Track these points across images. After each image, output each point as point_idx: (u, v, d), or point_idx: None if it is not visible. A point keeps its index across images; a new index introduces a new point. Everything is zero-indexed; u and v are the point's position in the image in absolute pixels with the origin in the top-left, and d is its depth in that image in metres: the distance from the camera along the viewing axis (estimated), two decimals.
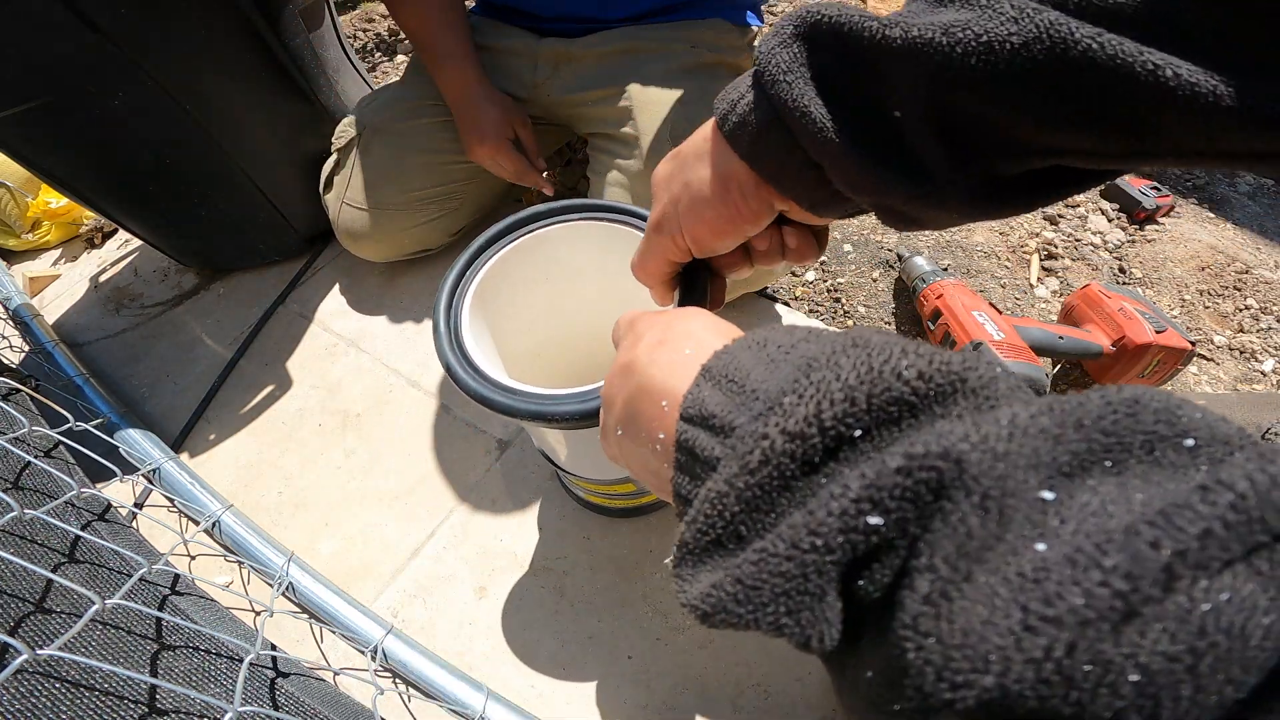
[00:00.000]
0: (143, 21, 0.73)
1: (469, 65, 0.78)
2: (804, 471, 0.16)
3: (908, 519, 0.14)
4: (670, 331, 0.25)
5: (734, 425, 0.18)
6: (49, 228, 1.26)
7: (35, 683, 0.36)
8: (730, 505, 0.17)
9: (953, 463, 0.13)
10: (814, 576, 0.15)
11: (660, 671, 0.59)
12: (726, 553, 0.17)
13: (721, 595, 0.16)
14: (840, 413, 0.15)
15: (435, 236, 0.93)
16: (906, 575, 0.14)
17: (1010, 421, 0.14)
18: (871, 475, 0.14)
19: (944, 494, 0.14)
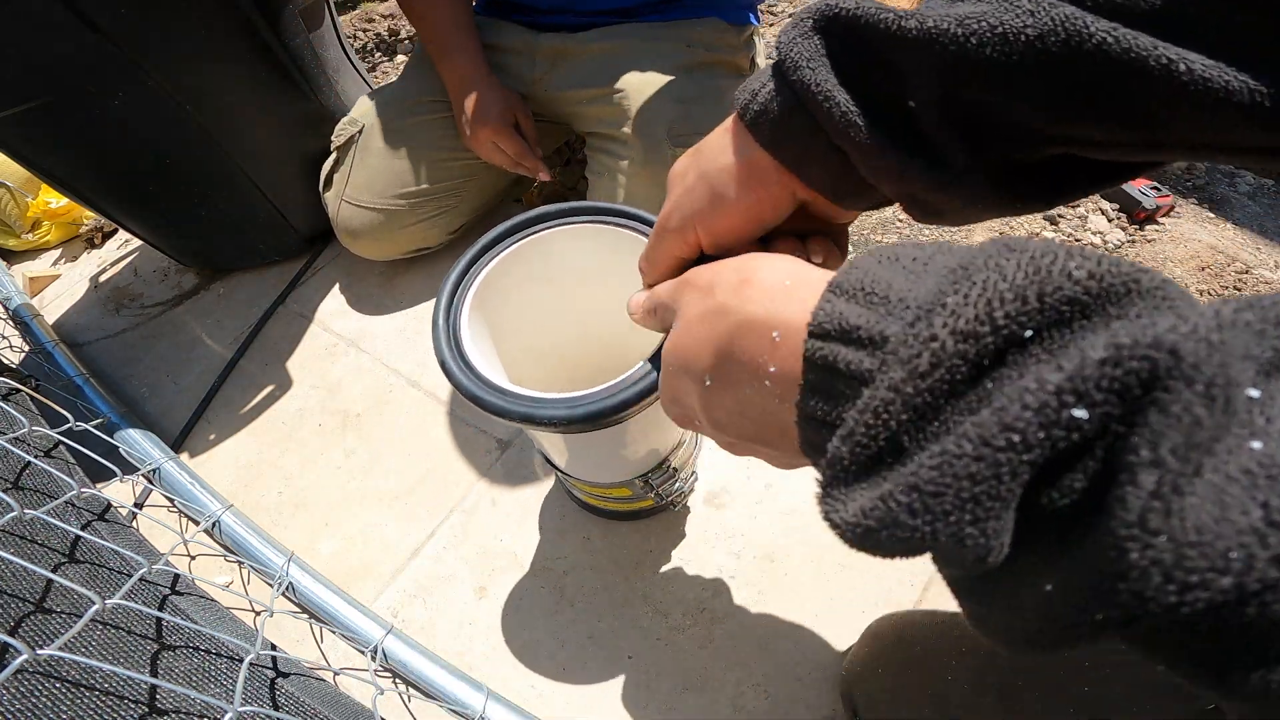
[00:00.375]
0: (143, 21, 0.73)
1: (475, 56, 0.79)
2: (974, 375, 0.15)
3: (1113, 414, 0.13)
4: (751, 272, 0.24)
5: (886, 334, 0.17)
6: (49, 228, 1.26)
7: (35, 683, 0.36)
8: (897, 413, 0.16)
9: (1167, 352, 0.12)
10: (1006, 479, 0.14)
11: (660, 671, 0.59)
12: (887, 467, 0.16)
13: (891, 507, 0.15)
14: (1013, 311, 0.14)
15: (434, 235, 0.93)
16: (1125, 472, 0.13)
17: (1216, 314, 0.13)
18: (1072, 367, 0.13)
19: (1158, 385, 0.12)
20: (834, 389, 0.18)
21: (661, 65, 0.75)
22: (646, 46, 0.77)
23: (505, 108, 0.80)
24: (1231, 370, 0.12)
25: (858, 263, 0.20)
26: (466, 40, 0.79)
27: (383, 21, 1.97)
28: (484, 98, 0.79)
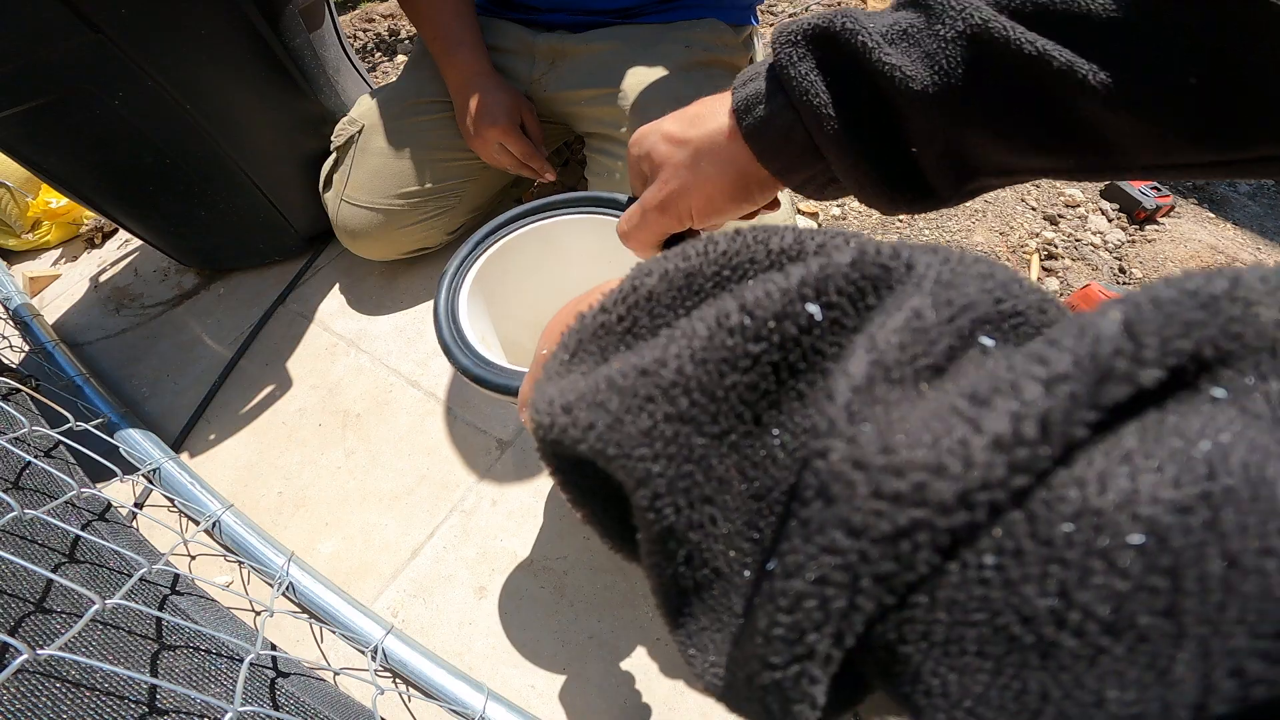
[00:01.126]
0: (143, 21, 0.73)
1: (479, 53, 0.79)
2: (717, 276, 0.15)
3: (844, 319, 0.12)
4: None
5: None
6: (49, 228, 1.26)
7: (36, 682, 0.36)
8: (649, 286, 0.16)
9: (904, 263, 0.12)
10: (728, 372, 0.13)
11: (660, 671, 0.59)
12: (620, 346, 0.16)
13: (588, 393, 0.14)
14: (783, 247, 0.15)
15: (434, 235, 0.93)
16: (830, 368, 0.12)
17: (961, 258, 0.13)
18: (816, 267, 0.13)
19: (886, 285, 0.12)
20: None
21: (660, 66, 0.75)
22: (645, 47, 0.77)
23: (511, 107, 0.79)
24: (959, 288, 0.12)
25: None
26: (469, 38, 0.79)
27: (383, 21, 1.97)
28: (489, 98, 0.78)
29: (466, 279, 0.46)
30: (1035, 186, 1.05)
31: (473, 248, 0.48)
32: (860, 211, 1.01)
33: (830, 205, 1.03)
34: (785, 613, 0.11)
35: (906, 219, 0.99)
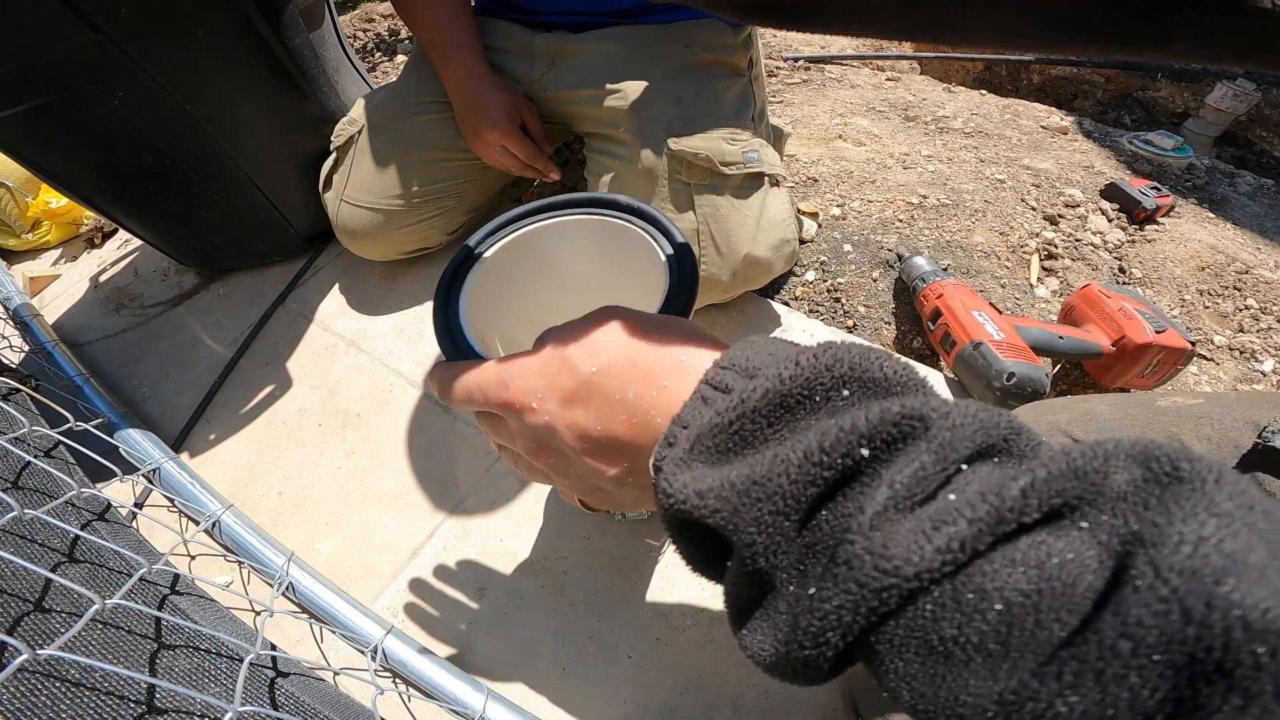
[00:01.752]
0: (143, 21, 0.73)
1: (476, 54, 0.78)
2: (802, 401, 0.22)
3: (881, 455, 0.20)
4: (671, 320, 0.30)
5: (757, 369, 0.24)
6: (49, 228, 1.27)
7: (35, 682, 0.36)
8: (746, 410, 0.22)
9: (920, 419, 0.20)
10: (808, 490, 0.20)
11: (660, 671, 0.59)
12: (724, 457, 0.22)
13: (722, 486, 0.21)
14: (841, 373, 0.22)
15: (434, 235, 0.93)
16: (869, 491, 0.19)
17: (964, 408, 0.20)
18: (875, 418, 0.19)
19: (909, 438, 0.20)
20: (712, 399, 0.24)
21: (660, 66, 0.75)
22: (645, 47, 0.77)
23: (511, 109, 0.79)
24: (956, 444, 0.19)
25: (763, 338, 0.27)
26: (466, 40, 0.78)
27: (383, 21, 1.97)
28: (488, 100, 0.78)
29: (466, 279, 0.46)
30: (1036, 186, 1.05)
31: (472, 248, 0.48)
32: (860, 213, 1.01)
33: (830, 205, 1.03)
34: (817, 620, 0.19)
35: (906, 220, 0.99)
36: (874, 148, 1.19)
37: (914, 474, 0.18)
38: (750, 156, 0.72)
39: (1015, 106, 1.38)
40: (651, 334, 0.28)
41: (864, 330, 0.87)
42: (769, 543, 0.20)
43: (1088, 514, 0.17)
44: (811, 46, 1.93)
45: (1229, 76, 1.61)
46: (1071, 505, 0.17)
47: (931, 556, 0.17)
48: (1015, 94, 1.78)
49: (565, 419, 0.28)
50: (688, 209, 0.71)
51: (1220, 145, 1.68)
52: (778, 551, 0.20)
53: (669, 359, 0.27)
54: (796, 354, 0.22)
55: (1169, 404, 0.44)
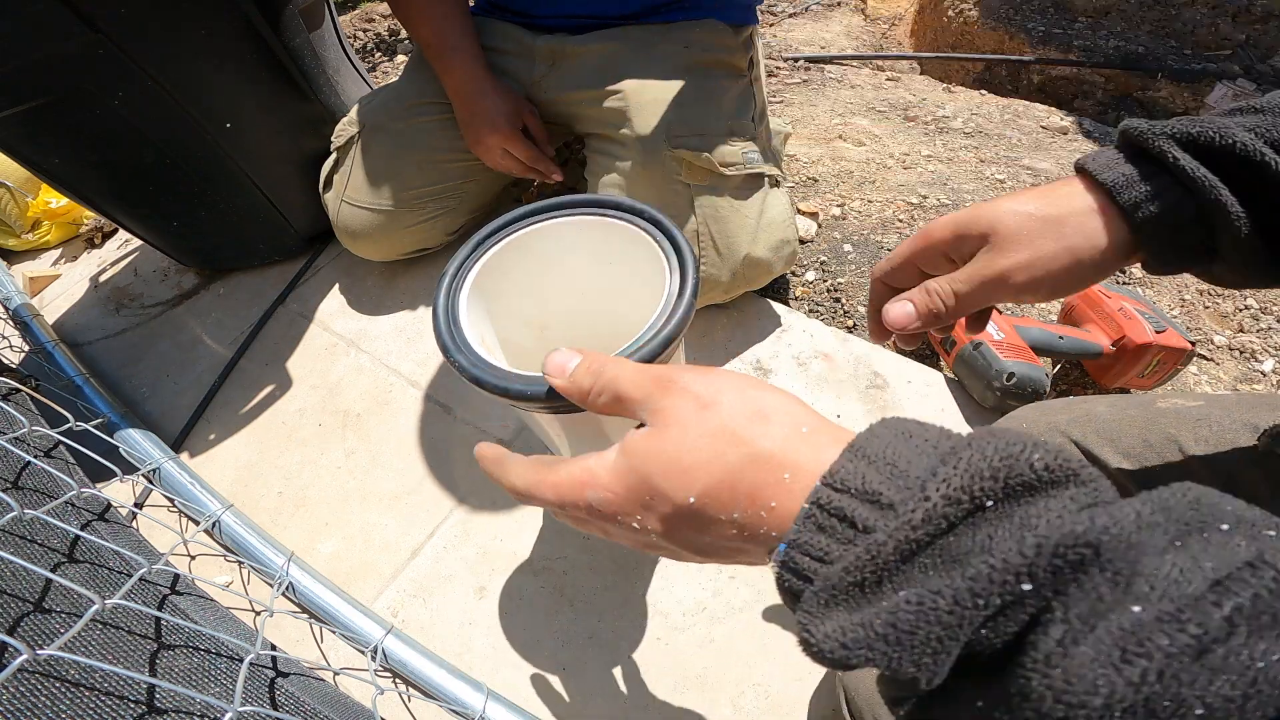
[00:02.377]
0: (142, 21, 0.73)
1: (475, 57, 0.78)
2: (944, 531, 0.20)
3: (1046, 588, 0.18)
4: (765, 407, 0.26)
5: (893, 501, 0.21)
6: (49, 228, 1.27)
7: (35, 682, 0.36)
8: (886, 554, 0.20)
9: (1093, 549, 0.18)
10: (965, 626, 0.19)
11: (660, 671, 0.59)
12: (864, 599, 0.21)
13: (869, 634, 0.20)
14: (986, 487, 0.20)
15: (434, 235, 0.93)
16: (1043, 625, 0.18)
17: (1136, 516, 0.18)
18: (1030, 552, 0.18)
19: (1082, 569, 0.18)
20: (835, 530, 0.22)
21: (660, 66, 0.75)
22: (645, 48, 0.77)
23: (511, 112, 0.79)
24: (1139, 564, 0.17)
25: (877, 432, 0.24)
26: (465, 43, 0.78)
27: (383, 21, 1.97)
28: (488, 103, 0.78)
29: (466, 280, 0.46)
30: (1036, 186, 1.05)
31: (473, 249, 0.48)
32: (860, 213, 1.02)
33: (830, 205, 1.03)
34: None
35: (906, 220, 0.99)
36: (874, 148, 1.19)
37: (1090, 607, 0.17)
38: (750, 157, 0.72)
39: (1015, 106, 1.38)
40: (743, 443, 0.25)
41: (864, 330, 0.87)
42: (930, 675, 0.19)
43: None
44: (811, 46, 1.93)
45: (1229, 76, 1.61)
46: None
47: (1124, 690, 0.16)
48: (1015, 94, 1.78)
49: (667, 535, 0.27)
50: (688, 210, 0.71)
51: None
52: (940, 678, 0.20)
53: (772, 478, 0.24)
54: (925, 478, 0.21)
55: (1168, 405, 0.44)
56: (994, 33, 2.16)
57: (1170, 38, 1.95)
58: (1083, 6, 2.12)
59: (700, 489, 0.25)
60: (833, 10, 2.31)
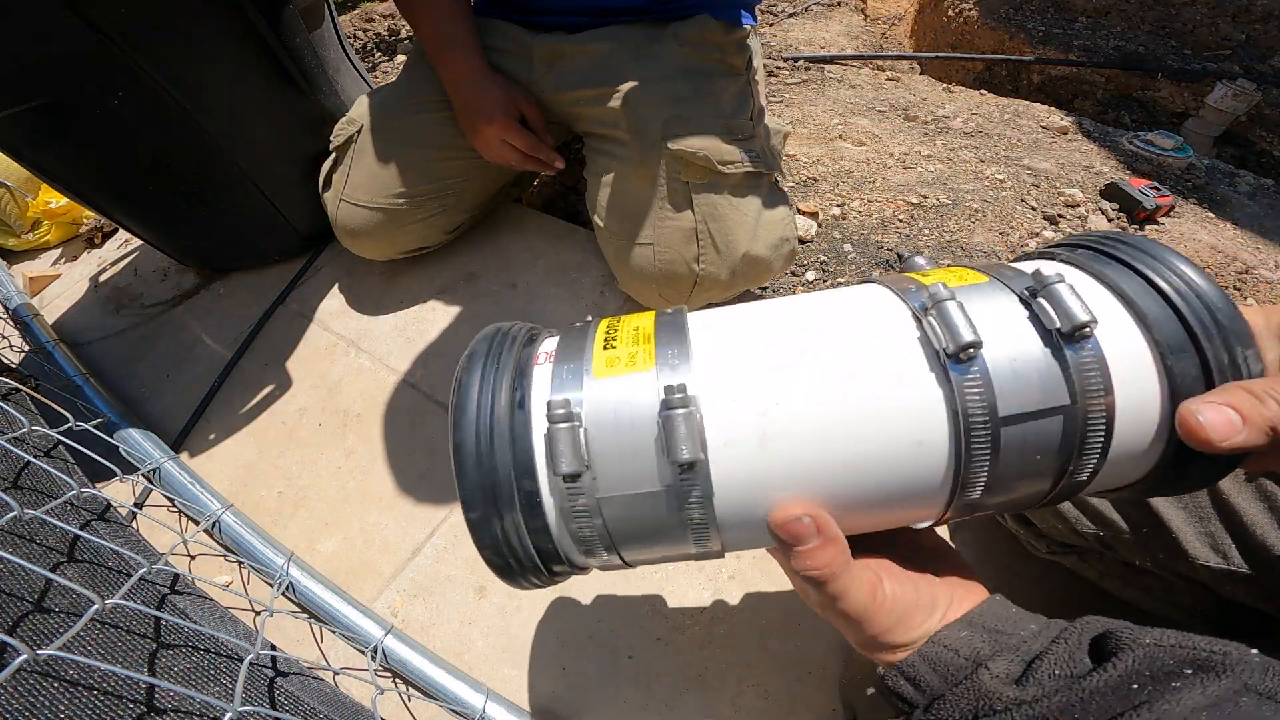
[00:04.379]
0: (143, 21, 0.73)
1: (474, 51, 0.79)
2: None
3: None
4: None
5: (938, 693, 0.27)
6: (49, 228, 1.27)
7: (34, 682, 0.36)
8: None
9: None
10: None
11: (660, 671, 0.59)
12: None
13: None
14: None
15: (433, 234, 0.93)
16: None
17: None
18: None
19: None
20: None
21: (657, 65, 0.75)
22: (643, 47, 0.77)
23: (508, 102, 0.79)
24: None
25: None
26: (464, 38, 0.78)
27: (383, 21, 1.97)
28: (486, 95, 0.78)
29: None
30: (1036, 186, 1.05)
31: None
32: (860, 213, 1.01)
33: (830, 205, 1.03)
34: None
35: (906, 220, 0.99)
36: (874, 148, 1.19)
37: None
38: (748, 156, 0.72)
39: (1015, 106, 1.38)
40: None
41: None
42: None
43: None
44: (811, 46, 1.93)
45: (1229, 76, 1.61)
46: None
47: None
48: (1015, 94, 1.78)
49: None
50: (686, 207, 0.71)
51: (1220, 145, 1.68)
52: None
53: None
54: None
55: None
56: (994, 33, 2.16)
57: (1170, 37, 1.95)
58: (1083, 6, 2.12)
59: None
60: (833, 10, 2.31)
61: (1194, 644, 0.23)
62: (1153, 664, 0.23)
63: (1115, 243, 0.29)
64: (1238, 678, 0.21)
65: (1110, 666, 0.24)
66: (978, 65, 2.17)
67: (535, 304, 0.90)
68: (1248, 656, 0.23)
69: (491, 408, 0.28)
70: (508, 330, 0.33)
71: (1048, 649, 0.26)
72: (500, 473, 0.27)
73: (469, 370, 0.30)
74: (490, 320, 0.89)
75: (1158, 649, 0.23)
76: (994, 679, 0.25)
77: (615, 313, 0.88)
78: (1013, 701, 0.24)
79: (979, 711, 0.24)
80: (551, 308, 0.89)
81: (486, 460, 0.27)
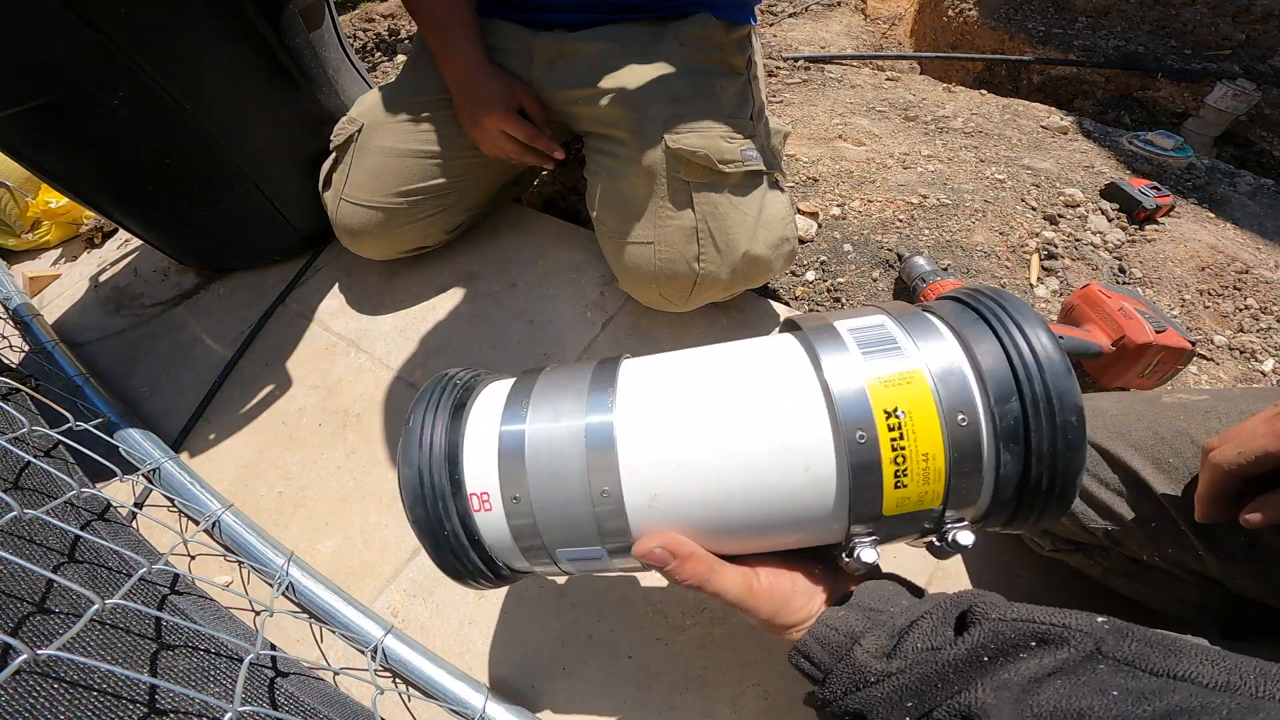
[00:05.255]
0: (143, 20, 0.73)
1: (474, 46, 0.79)
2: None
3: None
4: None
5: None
6: (49, 228, 1.27)
7: (34, 682, 0.36)
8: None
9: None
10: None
11: (660, 671, 0.59)
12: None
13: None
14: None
15: (433, 234, 0.93)
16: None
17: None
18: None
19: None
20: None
21: (658, 64, 0.75)
22: (642, 46, 0.77)
23: (508, 94, 0.79)
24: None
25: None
26: (466, 34, 0.79)
27: (383, 21, 1.97)
28: (486, 87, 0.79)
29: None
30: (1036, 186, 1.05)
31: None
32: (860, 213, 1.01)
33: (830, 205, 1.03)
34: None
35: (906, 219, 0.99)
36: (874, 147, 1.19)
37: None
38: (748, 155, 0.72)
39: (1015, 106, 1.38)
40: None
41: None
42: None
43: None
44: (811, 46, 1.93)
45: (1229, 76, 1.61)
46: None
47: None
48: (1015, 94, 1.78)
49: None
50: (686, 206, 0.71)
51: (1220, 145, 1.68)
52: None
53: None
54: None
55: (1174, 400, 0.44)
56: (994, 32, 2.16)
57: (1170, 37, 1.95)
58: (1083, 6, 2.12)
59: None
60: (833, 10, 2.30)
61: (1035, 617, 0.26)
62: (998, 637, 0.26)
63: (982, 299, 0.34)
64: (1080, 648, 0.24)
65: (962, 640, 0.26)
66: (978, 65, 2.17)
67: (535, 304, 0.90)
68: (1094, 625, 0.25)
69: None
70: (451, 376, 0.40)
71: (914, 623, 0.28)
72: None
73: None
74: (490, 319, 0.89)
75: (1002, 623, 0.26)
76: (865, 653, 0.28)
77: (615, 312, 0.88)
78: (882, 674, 0.27)
79: (857, 684, 0.28)
80: (551, 307, 0.89)
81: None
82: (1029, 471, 0.29)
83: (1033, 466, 0.28)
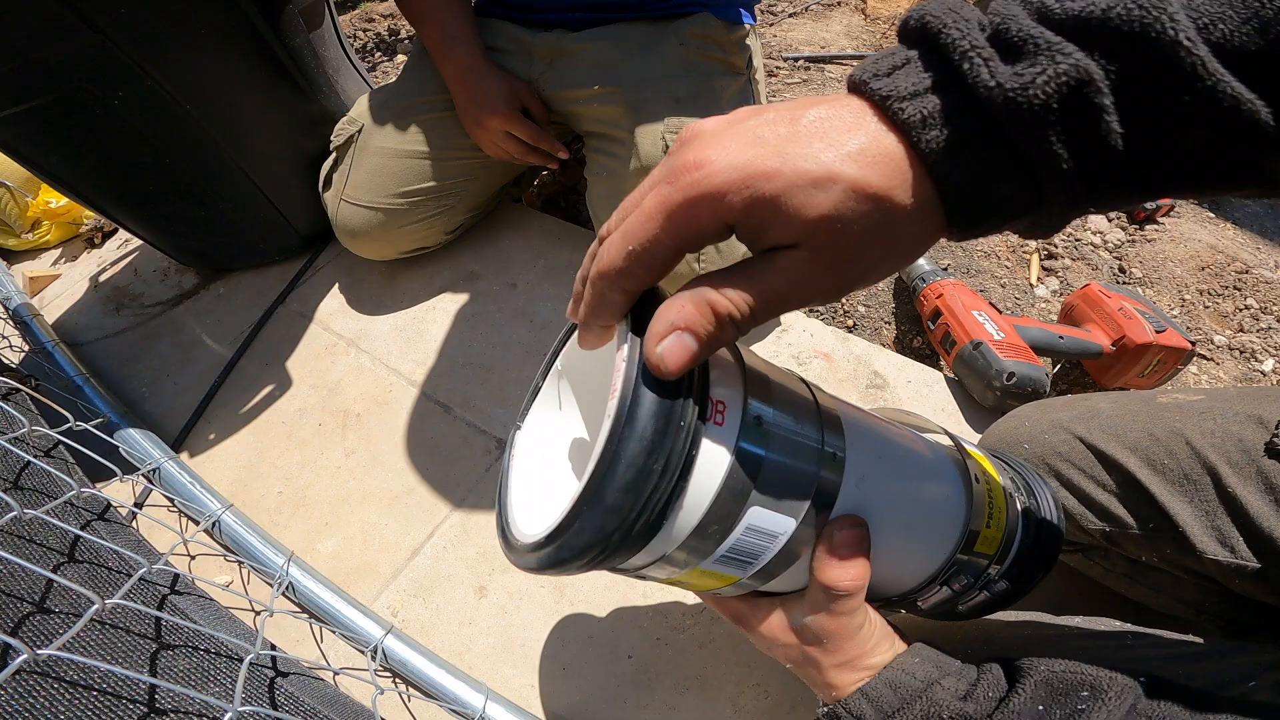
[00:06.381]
0: (143, 21, 0.73)
1: (474, 45, 0.79)
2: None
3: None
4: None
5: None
6: (49, 228, 1.26)
7: (34, 683, 0.36)
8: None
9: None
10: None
11: (660, 671, 0.59)
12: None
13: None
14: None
15: (433, 234, 0.93)
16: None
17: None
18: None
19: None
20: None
21: (658, 64, 0.75)
22: (643, 45, 0.77)
23: (510, 93, 0.79)
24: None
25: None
26: (465, 33, 0.79)
27: (383, 21, 1.97)
28: (488, 87, 0.78)
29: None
30: None
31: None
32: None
33: None
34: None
35: None
36: None
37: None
38: None
39: None
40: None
41: (864, 330, 0.87)
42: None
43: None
44: (811, 46, 1.93)
45: None
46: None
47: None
48: None
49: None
50: None
51: None
52: None
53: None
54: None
55: (1170, 400, 0.44)
56: None
57: None
58: None
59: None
60: (833, 10, 2.30)
61: (1082, 669, 0.29)
62: (1049, 687, 0.28)
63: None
64: (1122, 702, 0.26)
65: (1022, 688, 0.29)
66: None
67: (535, 304, 0.90)
68: (1129, 683, 0.27)
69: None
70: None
71: (980, 675, 0.31)
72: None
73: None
74: (490, 319, 0.89)
75: (1052, 674, 0.29)
76: (945, 693, 0.30)
77: None
78: (959, 713, 0.29)
79: (928, 717, 0.30)
80: (551, 307, 0.89)
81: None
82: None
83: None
